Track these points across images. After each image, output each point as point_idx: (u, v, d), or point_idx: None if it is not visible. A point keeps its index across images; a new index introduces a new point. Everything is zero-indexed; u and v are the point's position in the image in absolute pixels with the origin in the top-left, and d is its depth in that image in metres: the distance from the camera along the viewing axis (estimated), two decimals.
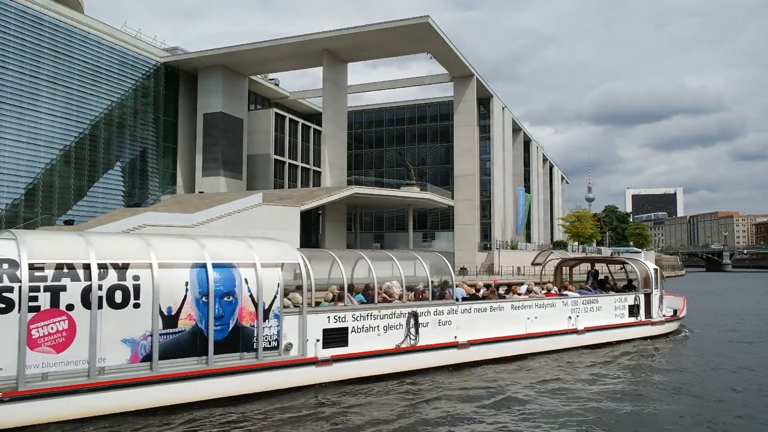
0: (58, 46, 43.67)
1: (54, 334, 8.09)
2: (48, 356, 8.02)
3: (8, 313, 7.79)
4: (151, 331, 8.85)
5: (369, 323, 11.37)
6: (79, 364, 8.28)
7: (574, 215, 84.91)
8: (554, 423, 9.14)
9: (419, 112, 73.91)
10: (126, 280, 8.73)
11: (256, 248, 10.40)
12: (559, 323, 14.95)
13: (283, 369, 10.17)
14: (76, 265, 8.41)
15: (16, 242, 8.25)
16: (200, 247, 9.84)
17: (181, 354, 9.12)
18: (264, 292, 9.92)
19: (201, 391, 9.26)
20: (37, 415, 7.92)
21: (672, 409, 10.13)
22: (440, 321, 12.48)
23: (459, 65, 55.31)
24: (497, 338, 13.43)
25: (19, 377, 7.80)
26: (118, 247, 9.12)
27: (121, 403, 8.58)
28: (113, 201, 47.78)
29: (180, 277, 9.26)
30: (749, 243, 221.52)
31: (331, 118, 52.65)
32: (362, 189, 48.39)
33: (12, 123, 40.35)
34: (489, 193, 63.03)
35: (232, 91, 56.37)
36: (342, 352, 10.90)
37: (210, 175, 54.24)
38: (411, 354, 11.86)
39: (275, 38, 51.62)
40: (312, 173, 66.56)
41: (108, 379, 8.44)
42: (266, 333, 9.98)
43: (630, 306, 16.88)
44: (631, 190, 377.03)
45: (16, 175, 40.72)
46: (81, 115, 45.38)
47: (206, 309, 9.35)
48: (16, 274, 7.92)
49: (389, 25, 47.73)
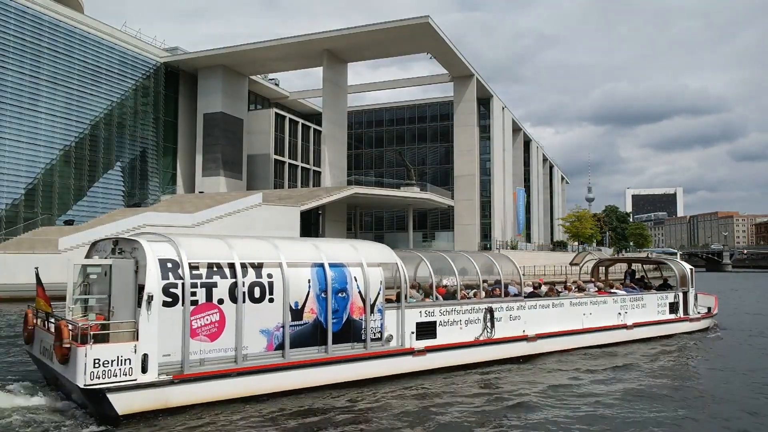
0: (58, 46, 43.68)
1: (208, 325, 9.21)
2: (204, 344, 9.13)
3: (174, 306, 8.86)
4: (282, 322, 10.00)
5: (453, 318, 12.54)
6: (228, 352, 9.38)
7: (574, 215, 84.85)
8: (629, 406, 10.04)
9: (419, 112, 73.91)
10: (262, 278, 9.88)
11: (361, 250, 11.63)
12: (610, 319, 16.12)
13: (386, 358, 11.29)
14: (223, 264, 9.55)
15: (174, 245, 9.30)
16: (316, 248, 11.05)
17: (305, 343, 10.24)
18: (370, 288, 11.07)
19: (322, 377, 10.36)
20: (197, 396, 8.97)
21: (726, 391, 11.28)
22: (511, 316, 13.68)
23: (459, 65, 55.31)
24: (559, 332, 14.61)
25: (183, 362, 8.85)
26: (254, 250, 10.24)
27: (260, 387, 9.64)
28: (113, 201, 47.78)
29: (303, 276, 10.39)
30: (749, 243, 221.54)
31: (331, 118, 52.64)
32: (362, 189, 48.39)
33: (12, 123, 40.36)
34: (489, 193, 63.00)
35: (232, 91, 56.37)
36: (431, 343, 12.01)
37: (210, 175, 54.24)
38: (488, 346, 13.02)
39: (275, 38, 51.64)
40: (312, 173, 66.56)
41: (250, 365, 9.54)
42: (372, 326, 11.13)
43: (671, 303, 18.15)
44: (631, 190, 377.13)
45: (16, 175, 40.72)
46: (81, 115, 45.38)
47: (325, 304, 10.50)
48: (179, 272, 8.99)
49: (389, 25, 47.74)
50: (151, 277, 8.71)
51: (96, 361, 8.11)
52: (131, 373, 8.37)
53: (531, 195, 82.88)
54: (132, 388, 8.35)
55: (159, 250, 9.09)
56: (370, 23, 49.17)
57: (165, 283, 8.81)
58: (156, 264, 8.84)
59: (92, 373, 8.07)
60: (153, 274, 8.75)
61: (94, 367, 8.09)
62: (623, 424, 8.94)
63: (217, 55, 53.21)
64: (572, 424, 8.89)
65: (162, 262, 8.93)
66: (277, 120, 61.04)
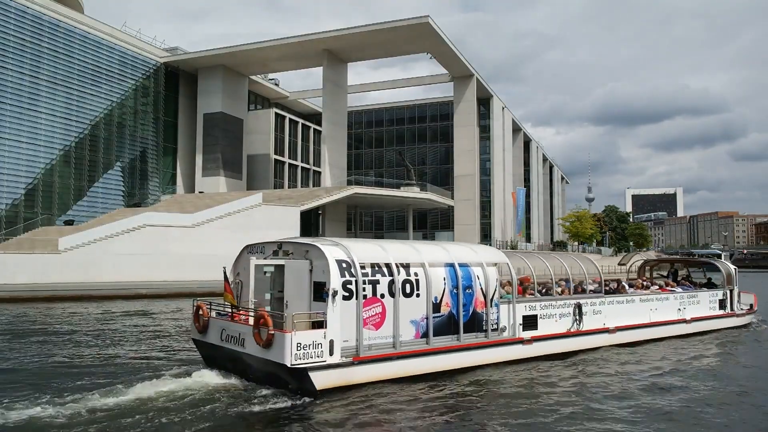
0: (58, 46, 43.68)
1: (374, 316, 10.92)
2: (371, 332, 10.84)
3: (350, 300, 10.52)
4: (426, 314, 11.67)
5: (550, 312, 14.24)
6: (387, 339, 11.08)
7: (574, 215, 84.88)
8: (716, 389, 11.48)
9: (419, 112, 73.89)
10: (410, 276, 11.56)
11: (479, 252, 13.53)
12: (672, 314, 17.86)
13: (503, 346, 12.99)
14: (382, 264, 11.24)
15: (345, 248, 10.95)
16: (446, 251, 12.73)
17: (442, 332, 11.93)
18: (489, 285, 12.77)
19: (455, 361, 11.98)
20: (368, 375, 10.61)
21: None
22: (594, 310, 15.32)
23: (459, 65, 55.29)
24: (633, 325, 16.28)
25: (358, 347, 10.58)
26: (402, 252, 11.90)
27: (412, 369, 11.25)
28: (113, 201, 47.79)
29: (440, 274, 12.04)
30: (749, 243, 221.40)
31: (331, 118, 52.63)
32: (362, 189, 48.39)
33: (12, 123, 40.36)
34: (489, 193, 63.00)
35: (232, 91, 56.37)
36: (534, 334, 13.67)
37: (210, 175, 54.24)
38: (578, 337, 14.72)
39: (275, 38, 51.61)
40: (312, 173, 66.56)
41: (404, 350, 11.20)
42: (491, 318, 12.83)
43: (720, 300, 19.85)
44: (631, 190, 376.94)
45: (16, 175, 40.72)
46: (81, 115, 45.39)
47: (456, 298, 12.18)
48: (352, 271, 10.63)
49: (389, 25, 47.73)
50: (333, 275, 10.32)
51: (298, 345, 9.74)
52: (323, 355, 10.02)
53: (531, 195, 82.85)
54: (324, 368, 10.00)
55: (335, 253, 10.70)
56: (370, 23, 49.19)
57: (343, 280, 10.46)
58: (335, 264, 10.47)
59: (296, 354, 9.70)
60: (335, 272, 10.37)
61: (297, 350, 9.72)
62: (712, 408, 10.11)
63: (217, 55, 53.20)
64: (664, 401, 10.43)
65: (338, 262, 10.55)
66: (277, 120, 61.05)
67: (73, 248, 32.67)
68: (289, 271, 11.20)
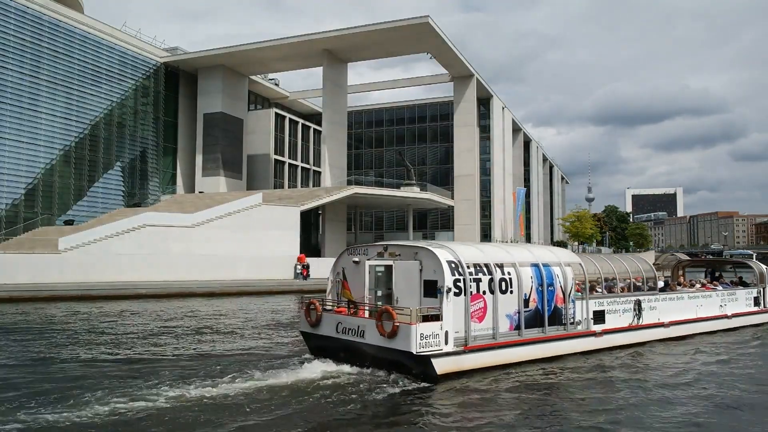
0: (58, 46, 43.68)
1: (478, 310, 12.23)
2: (475, 324, 12.13)
3: (459, 296, 11.84)
4: (518, 309, 13.02)
5: (615, 307, 15.66)
6: (488, 331, 12.39)
7: (573, 215, 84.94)
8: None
9: (419, 112, 73.87)
10: (505, 275, 12.86)
11: (557, 252, 15.02)
12: (715, 310, 19.32)
13: (579, 338, 14.39)
14: (482, 265, 12.54)
15: (452, 251, 12.29)
16: (530, 252, 14.17)
17: (531, 325, 13.24)
18: (567, 283, 14.10)
19: (541, 351, 13.34)
20: (475, 363, 12.00)
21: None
22: (650, 307, 16.74)
23: (459, 65, 55.30)
24: (684, 320, 17.72)
25: (467, 338, 11.90)
26: (496, 253, 13.29)
27: (508, 357, 12.64)
28: (113, 201, 47.79)
29: (528, 273, 13.35)
30: (749, 243, 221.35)
31: (331, 118, 52.63)
32: (362, 189, 48.39)
33: (12, 123, 40.37)
34: (489, 193, 63.01)
35: (232, 91, 56.38)
36: (603, 327, 15.02)
37: (210, 175, 54.25)
38: (638, 330, 16.21)
39: (275, 38, 51.61)
40: (312, 173, 66.57)
41: (502, 340, 12.57)
42: (569, 312, 14.14)
43: (754, 297, 21.47)
44: (631, 190, 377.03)
45: (16, 175, 40.73)
46: (81, 115, 45.40)
47: (541, 295, 13.53)
48: (460, 270, 11.95)
49: (389, 25, 47.73)
50: (446, 274, 11.65)
51: (422, 335, 10.99)
52: (440, 344, 11.30)
53: (531, 195, 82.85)
54: (442, 355, 11.31)
55: (445, 255, 12.00)
56: (370, 23, 49.19)
57: (453, 278, 11.73)
58: (447, 265, 11.77)
59: (420, 344, 10.95)
60: (447, 272, 11.69)
61: (421, 339, 10.97)
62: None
63: (217, 55, 53.20)
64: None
65: (448, 263, 11.84)
66: (277, 120, 61.06)
67: (73, 248, 32.67)
68: (399, 271, 12.65)
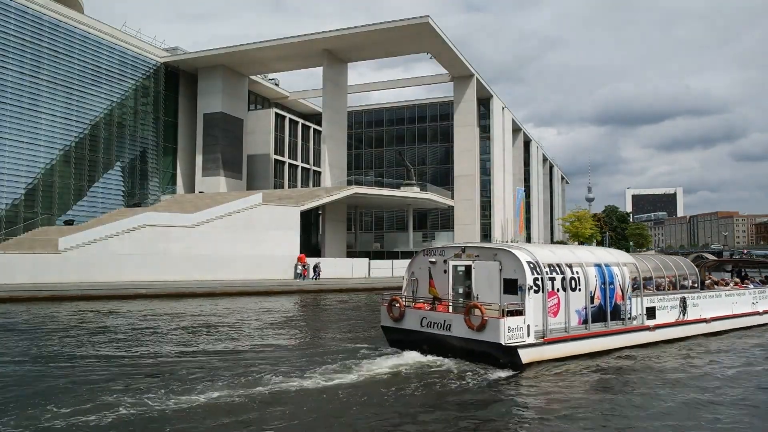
0: (58, 47, 43.66)
1: (553, 306, 13.56)
2: (551, 319, 13.44)
3: (538, 293, 13.12)
4: (585, 305, 14.39)
5: (663, 304, 17.00)
6: (560, 325, 13.72)
7: (573, 215, 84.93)
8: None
9: (419, 112, 73.86)
10: (574, 274, 14.23)
11: (614, 253, 16.60)
12: (748, 307, 20.73)
13: (637, 332, 15.73)
14: (555, 265, 13.91)
15: (529, 252, 13.55)
16: (592, 253, 15.70)
17: (596, 320, 14.60)
18: (625, 281, 15.42)
19: (605, 344, 14.70)
20: (553, 353, 13.28)
21: None
22: (694, 304, 18.03)
23: (459, 65, 55.28)
24: (722, 316, 19.14)
25: (545, 331, 13.22)
26: (565, 254, 14.69)
27: (578, 348, 13.98)
28: (113, 201, 47.78)
29: (592, 273, 14.74)
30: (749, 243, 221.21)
31: (331, 118, 52.62)
32: (362, 189, 48.39)
33: (12, 123, 40.35)
34: (489, 193, 62.99)
35: (232, 91, 56.37)
36: (654, 322, 16.38)
37: (210, 175, 54.24)
38: (683, 326, 17.51)
39: (275, 38, 51.59)
40: (312, 173, 66.57)
41: (573, 333, 13.94)
42: (627, 308, 15.46)
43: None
44: (632, 190, 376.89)
45: (16, 175, 40.71)
46: (81, 115, 45.38)
47: (604, 292, 14.87)
48: (537, 270, 13.25)
49: (389, 25, 47.72)
50: (527, 273, 12.90)
51: (509, 328, 12.26)
52: (524, 336, 12.52)
53: (531, 195, 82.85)
54: (526, 346, 12.55)
55: (524, 256, 13.23)
56: (370, 23, 49.18)
57: (533, 277, 12.98)
58: (527, 265, 13.03)
59: (507, 336, 12.21)
60: (528, 271, 12.95)
61: (508, 332, 12.23)
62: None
63: (217, 55, 53.18)
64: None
65: (528, 263, 13.09)
66: (277, 120, 61.05)
67: (73, 248, 32.67)
68: (479, 270, 13.86)
